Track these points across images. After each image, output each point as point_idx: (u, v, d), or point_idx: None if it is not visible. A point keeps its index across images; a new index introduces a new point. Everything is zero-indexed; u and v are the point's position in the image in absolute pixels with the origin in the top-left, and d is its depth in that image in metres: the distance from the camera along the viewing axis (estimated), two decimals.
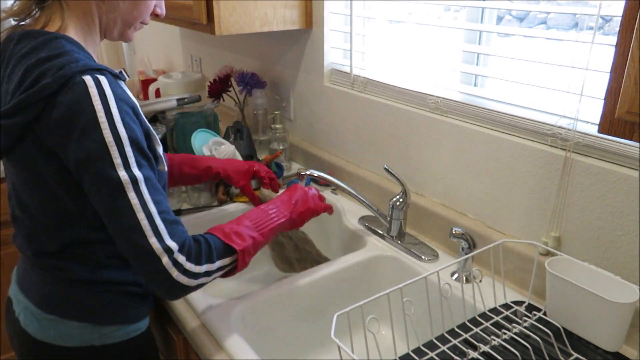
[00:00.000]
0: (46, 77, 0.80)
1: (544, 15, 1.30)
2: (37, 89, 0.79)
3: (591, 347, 0.88)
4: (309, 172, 1.34)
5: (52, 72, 0.80)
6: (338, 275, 1.23)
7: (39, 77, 0.81)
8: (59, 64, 0.81)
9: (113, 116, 0.80)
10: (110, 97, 0.80)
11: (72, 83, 0.79)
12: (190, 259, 0.85)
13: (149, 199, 0.82)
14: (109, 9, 0.93)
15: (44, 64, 0.82)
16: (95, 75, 0.81)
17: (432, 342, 0.90)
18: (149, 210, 0.81)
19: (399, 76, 1.41)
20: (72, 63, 0.81)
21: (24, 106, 0.80)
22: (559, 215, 1.05)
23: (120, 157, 0.80)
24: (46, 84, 0.79)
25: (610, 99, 0.64)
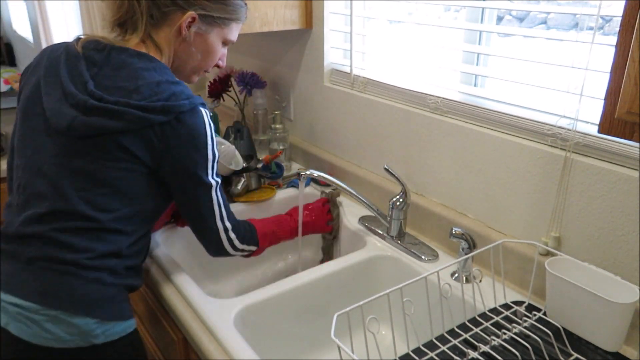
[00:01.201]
0: (179, 96, 1.01)
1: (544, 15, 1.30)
2: (178, 104, 0.99)
3: (591, 347, 0.88)
4: (309, 172, 1.34)
5: (184, 96, 1.01)
6: (338, 275, 1.23)
7: (174, 95, 1.00)
8: (185, 92, 1.03)
9: (213, 141, 1.07)
10: (211, 126, 1.06)
11: (196, 111, 1.03)
12: (240, 238, 1.17)
13: (220, 196, 1.12)
14: (182, 53, 1.11)
15: (172, 85, 1.02)
16: (205, 109, 1.05)
17: (432, 342, 0.90)
18: (220, 204, 1.12)
19: (399, 76, 1.41)
20: (194, 96, 1.04)
21: (164, 111, 0.98)
22: (559, 215, 1.05)
23: (211, 169, 1.08)
24: (184, 104, 1.00)
25: (610, 99, 0.64)
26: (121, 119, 0.97)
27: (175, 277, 1.18)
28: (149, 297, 1.30)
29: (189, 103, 1.01)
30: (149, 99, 0.98)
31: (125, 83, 1.00)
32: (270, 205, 1.56)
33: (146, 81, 1.01)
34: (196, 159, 1.04)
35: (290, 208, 1.59)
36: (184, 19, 1.05)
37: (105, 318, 1.00)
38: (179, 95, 1.01)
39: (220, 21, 1.11)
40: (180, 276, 1.18)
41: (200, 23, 1.08)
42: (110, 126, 0.98)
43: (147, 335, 1.46)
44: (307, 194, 1.58)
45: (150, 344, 1.45)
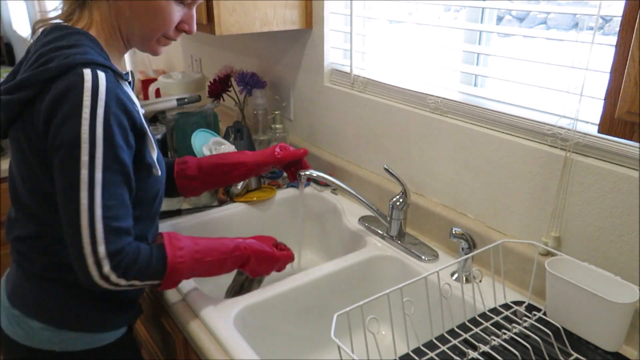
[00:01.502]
0: (53, 62, 0.82)
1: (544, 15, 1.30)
2: (38, 71, 0.82)
3: (591, 347, 0.88)
4: (308, 173, 1.34)
5: (59, 59, 0.82)
6: (338, 275, 1.23)
7: (47, 62, 0.83)
8: (67, 53, 0.83)
9: (97, 114, 0.81)
10: (102, 94, 0.81)
11: (72, 73, 0.81)
12: (118, 271, 0.86)
13: (98, 203, 0.82)
14: (124, 16, 0.93)
15: (56, 50, 0.84)
16: (96, 70, 0.82)
17: (432, 342, 0.90)
18: (94, 213, 0.82)
19: (399, 76, 1.41)
20: (79, 55, 0.83)
21: (24, 85, 0.83)
22: (559, 215, 1.05)
23: (88, 155, 0.81)
24: (48, 68, 0.82)
25: (610, 99, 0.64)
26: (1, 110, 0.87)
27: None
28: (149, 297, 1.30)
29: (55, 66, 0.81)
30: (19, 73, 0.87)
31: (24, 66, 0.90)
32: (270, 205, 1.56)
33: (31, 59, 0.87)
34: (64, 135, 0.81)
35: (289, 208, 1.59)
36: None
37: (61, 326, 0.96)
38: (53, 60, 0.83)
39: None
40: None
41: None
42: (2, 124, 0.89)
43: (147, 335, 1.46)
44: (306, 194, 1.59)
45: (150, 344, 1.45)
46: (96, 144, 0.81)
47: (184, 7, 0.97)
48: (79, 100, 0.80)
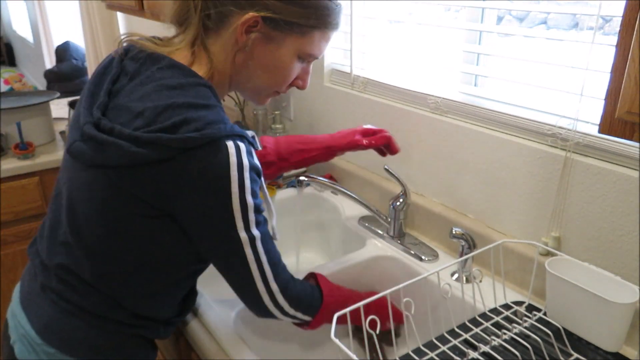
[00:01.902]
0: (190, 126, 0.78)
1: (544, 15, 1.30)
2: (181, 138, 0.77)
3: (591, 347, 0.88)
4: (308, 177, 1.34)
5: (199, 125, 0.79)
6: (338, 275, 1.23)
7: (184, 122, 0.79)
8: (207, 118, 0.80)
9: (245, 187, 0.82)
10: (246, 168, 0.82)
11: (217, 146, 0.79)
12: (291, 303, 0.93)
13: (262, 252, 0.87)
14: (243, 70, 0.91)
15: (190, 110, 0.80)
16: (237, 142, 0.82)
17: (432, 342, 0.90)
18: (261, 260, 0.88)
19: (399, 76, 1.41)
20: (220, 123, 0.81)
21: (160, 145, 0.78)
22: (559, 215, 1.05)
23: (242, 221, 0.83)
24: (192, 138, 0.78)
25: (610, 99, 0.64)
26: (109, 151, 0.80)
27: None
28: None
29: (199, 135, 0.78)
30: (146, 127, 0.79)
31: (137, 103, 0.82)
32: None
33: (158, 102, 0.81)
34: (215, 208, 0.82)
35: (289, 209, 1.59)
36: (242, 22, 0.83)
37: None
38: (188, 124, 0.78)
39: (293, 27, 0.86)
40: None
41: (265, 27, 0.85)
42: (98, 159, 0.82)
43: None
44: (306, 194, 1.59)
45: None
46: (248, 211, 0.83)
47: (303, 63, 0.94)
48: (227, 176, 0.80)
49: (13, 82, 5.01)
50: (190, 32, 0.87)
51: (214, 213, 0.82)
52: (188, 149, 0.78)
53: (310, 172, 1.73)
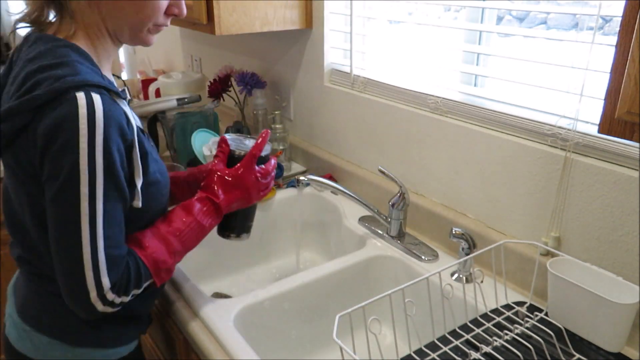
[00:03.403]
0: (41, 87, 0.77)
1: (544, 15, 1.30)
2: (28, 99, 0.76)
3: (593, 347, 0.88)
4: (308, 178, 1.34)
5: (48, 82, 0.77)
6: (338, 275, 1.23)
7: (35, 85, 0.78)
8: (56, 74, 0.78)
9: (95, 142, 0.76)
10: (100, 120, 0.76)
11: (64, 98, 0.76)
12: (120, 293, 0.85)
13: (100, 234, 0.80)
14: (110, 13, 0.87)
15: (43, 71, 0.79)
16: (90, 92, 0.77)
17: (433, 343, 0.90)
18: (97, 245, 0.80)
19: (399, 76, 1.41)
20: (69, 76, 0.77)
21: (14, 113, 0.77)
22: (559, 215, 1.05)
23: (88, 186, 0.77)
24: (37, 95, 0.76)
25: (610, 99, 0.64)
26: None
27: (176, 276, 1.18)
28: None
29: (42, 92, 0.76)
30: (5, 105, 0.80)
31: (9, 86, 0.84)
32: (270, 205, 1.56)
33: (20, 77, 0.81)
34: (60, 166, 0.77)
35: (289, 209, 1.59)
36: None
37: (76, 343, 0.94)
38: (39, 85, 0.77)
39: None
40: (180, 276, 1.18)
41: None
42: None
43: (147, 335, 1.46)
44: (306, 194, 1.59)
45: (151, 344, 1.45)
46: (96, 174, 0.77)
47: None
48: (75, 129, 0.75)
49: None
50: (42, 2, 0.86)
51: (59, 171, 0.76)
52: (37, 109, 0.76)
53: (310, 172, 1.73)
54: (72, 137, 0.75)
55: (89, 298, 0.81)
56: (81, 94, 0.76)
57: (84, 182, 0.77)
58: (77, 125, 0.75)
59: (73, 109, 0.75)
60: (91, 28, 0.88)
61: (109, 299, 0.83)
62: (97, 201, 0.78)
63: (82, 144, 0.75)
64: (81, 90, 0.76)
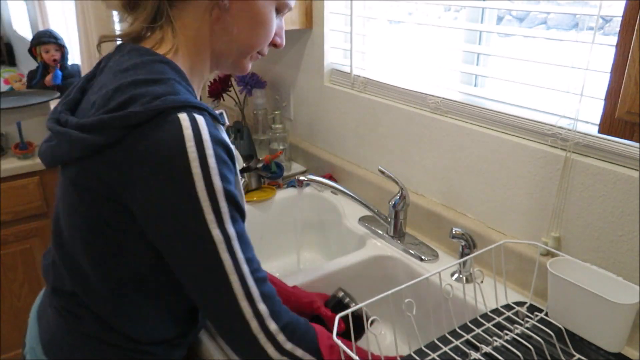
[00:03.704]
0: (137, 103, 0.69)
1: (544, 15, 1.30)
2: (123, 114, 0.68)
3: (593, 347, 0.88)
4: (308, 178, 1.34)
5: (145, 100, 0.69)
6: (338, 275, 1.23)
7: (129, 100, 0.70)
8: (154, 92, 0.70)
9: (209, 166, 0.69)
10: (208, 142, 0.69)
11: (165, 120, 0.68)
12: (285, 330, 0.75)
13: (241, 259, 0.72)
14: (223, 34, 0.81)
15: (138, 87, 0.71)
16: (193, 114, 0.70)
17: (433, 343, 0.90)
18: (242, 271, 0.72)
19: (399, 76, 1.41)
20: (169, 95, 0.70)
21: (104, 127, 0.69)
22: (559, 215, 1.05)
23: (213, 213, 0.69)
24: (134, 112, 0.68)
25: (610, 99, 0.64)
26: (61, 144, 0.75)
27: None
28: None
29: (142, 109, 0.68)
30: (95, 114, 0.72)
31: (95, 95, 0.76)
32: (270, 205, 1.56)
33: (109, 88, 0.73)
34: (174, 197, 0.68)
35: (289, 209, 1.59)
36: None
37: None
38: (135, 101, 0.69)
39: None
40: None
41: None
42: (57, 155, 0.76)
43: None
44: (306, 194, 1.59)
45: None
46: (218, 199, 0.69)
47: (278, 15, 0.85)
48: (184, 154, 0.67)
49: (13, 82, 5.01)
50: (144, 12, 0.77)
51: (174, 202, 0.68)
52: (134, 128, 0.68)
53: (310, 172, 1.73)
54: (182, 164, 0.67)
55: (251, 332, 0.73)
56: (184, 115, 0.69)
57: (208, 210, 0.69)
58: (185, 149, 0.67)
59: (177, 131, 0.68)
60: (195, 47, 0.81)
61: (271, 330, 0.74)
62: (227, 225, 0.71)
63: (194, 169, 0.68)
64: (183, 111, 0.69)
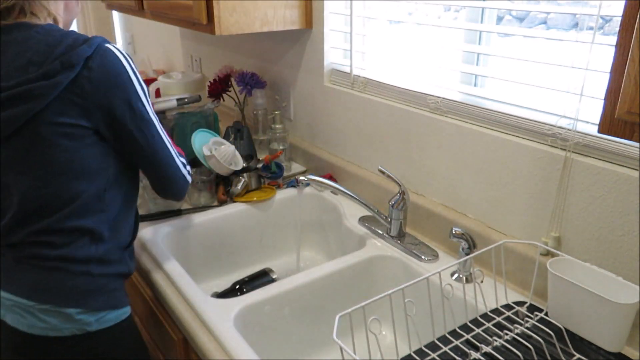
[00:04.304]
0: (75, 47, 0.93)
1: (544, 15, 1.30)
2: (77, 52, 0.92)
3: (593, 347, 0.88)
4: (307, 178, 1.34)
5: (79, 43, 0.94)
6: (338, 275, 1.23)
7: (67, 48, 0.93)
8: (80, 37, 0.96)
9: (137, 74, 1.00)
10: (128, 58, 0.99)
11: (102, 50, 0.96)
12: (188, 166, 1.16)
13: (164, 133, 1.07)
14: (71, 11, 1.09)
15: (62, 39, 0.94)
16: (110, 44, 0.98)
17: (433, 343, 0.90)
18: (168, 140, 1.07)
19: (399, 76, 1.41)
20: (93, 37, 0.96)
21: (66, 67, 0.91)
22: (559, 215, 1.05)
23: (148, 104, 1.02)
24: (84, 49, 0.93)
25: (610, 99, 0.64)
26: (30, 98, 0.91)
27: (175, 276, 1.18)
28: (149, 297, 1.30)
29: (87, 46, 0.94)
30: (45, 64, 0.92)
31: (15, 62, 0.94)
32: (270, 205, 1.56)
33: (34, 49, 0.94)
34: (128, 100, 0.98)
35: (289, 209, 1.60)
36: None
37: (97, 308, 1.01)
38: (73, 44, 0.94)
39: None
40: (180, 276, 1.18)
41: None
42: (26, 110, 0.92)
43: (147, 335, 1.46)
44: (306, 194, 1.59)
45: (150, 344, 1.45)
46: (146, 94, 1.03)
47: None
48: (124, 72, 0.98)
49: None
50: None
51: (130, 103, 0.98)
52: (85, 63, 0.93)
53: (310, 172, 1.73)
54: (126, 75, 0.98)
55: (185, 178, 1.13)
56: (107, 45, 0.98)
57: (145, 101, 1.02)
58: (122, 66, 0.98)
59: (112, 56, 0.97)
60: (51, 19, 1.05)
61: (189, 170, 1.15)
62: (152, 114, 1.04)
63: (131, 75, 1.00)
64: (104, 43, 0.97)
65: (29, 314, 0.98)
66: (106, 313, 1.03)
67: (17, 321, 0.99)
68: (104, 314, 1.03)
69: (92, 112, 0.95)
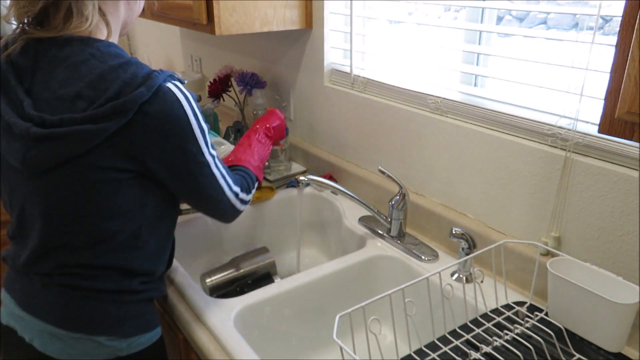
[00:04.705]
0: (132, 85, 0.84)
1: (544, 15, 1.30)
2: (132, 98, 0.83)
3: (593, 347, 0.88)
4: (307, 178, 1.34)
5: (137, 82, 0.84)
6: (338, 275, 1.23)
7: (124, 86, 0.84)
8: (140, 73, 0.86)
9: (197, 114, 0.92)
10: (190, 98, 0.91)
11: (161, 93, 0.86)
12: (245, 191, 1.09)
13: (221, 166, 1.00)
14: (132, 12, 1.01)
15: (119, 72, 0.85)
16: (173, 81, 0.90)
17: (433, 343, 0.90)
18: (223, 174, 1.01)
19: (399, 76, 1.41)
20: (153, 72, 0.87)
21: (118, 111, 0.83)
22: (559, 215, 1.05)
23: (205, 145, 0.94)
24: (142, 92, 0.84)
25: (610, 99, 0.64)
26: (74, 141, 0.83)
27: (176, 276, 1.18)
28: None
29: (146, 89, 0.84)
30: (96, 104, 0.83)
31: (64, 89, 0.85)
32: (270, 205, 1.56)
33: (86, 80, 0.84)
34: (183, 146, 0.90)
35: (289, 209, 1.60)
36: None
37: (129, 334, 0.99)
38: (131, 83, 0.84)
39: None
40: (180, 276, 1.18)
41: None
42: (67, 152, 0.84)
43: None
44: (306, 193, 1.59)
45: None
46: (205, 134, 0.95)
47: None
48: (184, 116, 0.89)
49: None
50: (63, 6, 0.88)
51: (186, 149, 0.91)
52: (141, 108, 0.84)
53: (310, 172, 1.73)
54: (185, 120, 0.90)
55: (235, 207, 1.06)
56: (168, 83, 0.88)
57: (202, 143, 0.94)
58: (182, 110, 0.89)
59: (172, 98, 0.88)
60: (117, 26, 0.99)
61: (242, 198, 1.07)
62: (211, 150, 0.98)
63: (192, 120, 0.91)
64: (167, 81, 0.89)
65: (58, 340, 0.95)
66: (137, 338, 1.00)
67: (47, 347, 0.96)
68: (135, 338, 1.00)
69: (140, 157, 0.88)
